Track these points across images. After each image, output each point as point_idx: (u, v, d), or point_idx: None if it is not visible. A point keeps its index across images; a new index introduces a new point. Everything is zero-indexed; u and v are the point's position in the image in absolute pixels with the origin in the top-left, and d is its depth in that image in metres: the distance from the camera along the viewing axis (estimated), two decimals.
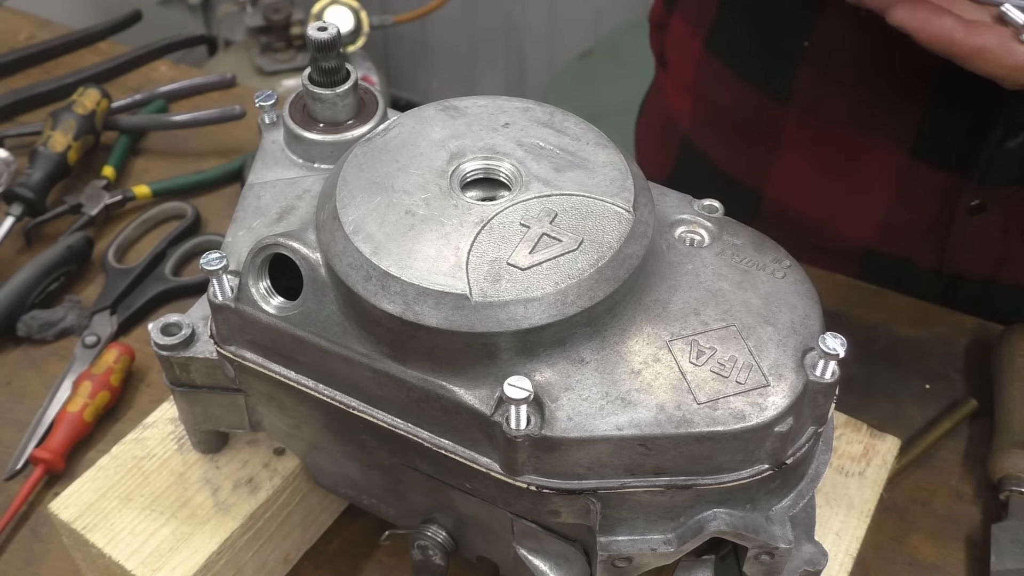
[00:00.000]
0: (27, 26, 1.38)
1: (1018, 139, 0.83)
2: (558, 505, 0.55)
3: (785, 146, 0.98)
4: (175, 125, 1.18)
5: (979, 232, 0.93)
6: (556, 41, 2.69)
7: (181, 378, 0.66)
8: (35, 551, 0.80)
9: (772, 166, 1.00)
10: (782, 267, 0.59)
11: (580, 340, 0.54)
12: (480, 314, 0.52)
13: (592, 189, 0.57)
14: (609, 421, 0.52)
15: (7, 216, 1.04)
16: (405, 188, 0.57)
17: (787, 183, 1.01)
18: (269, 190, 0.64)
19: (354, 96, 0.66)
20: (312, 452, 0.67)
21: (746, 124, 1.00)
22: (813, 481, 0.59)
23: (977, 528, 0.80)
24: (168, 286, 1.01)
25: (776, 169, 0.99)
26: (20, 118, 1.22)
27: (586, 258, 0.54)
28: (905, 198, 0.94)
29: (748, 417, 0.52)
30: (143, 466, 0.71)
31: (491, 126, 0.61)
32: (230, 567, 0.69)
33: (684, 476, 0.54)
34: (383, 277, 0.53)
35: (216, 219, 1.10)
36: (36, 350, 0.96)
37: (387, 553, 0.78)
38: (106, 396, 0.88)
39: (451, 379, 0.54)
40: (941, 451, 0.86)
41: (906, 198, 0.94)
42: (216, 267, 0.58)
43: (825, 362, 0.54)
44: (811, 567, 0.58)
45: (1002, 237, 0.93)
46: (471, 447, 0.55)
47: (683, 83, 1.07)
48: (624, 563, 0.56)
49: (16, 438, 0.87)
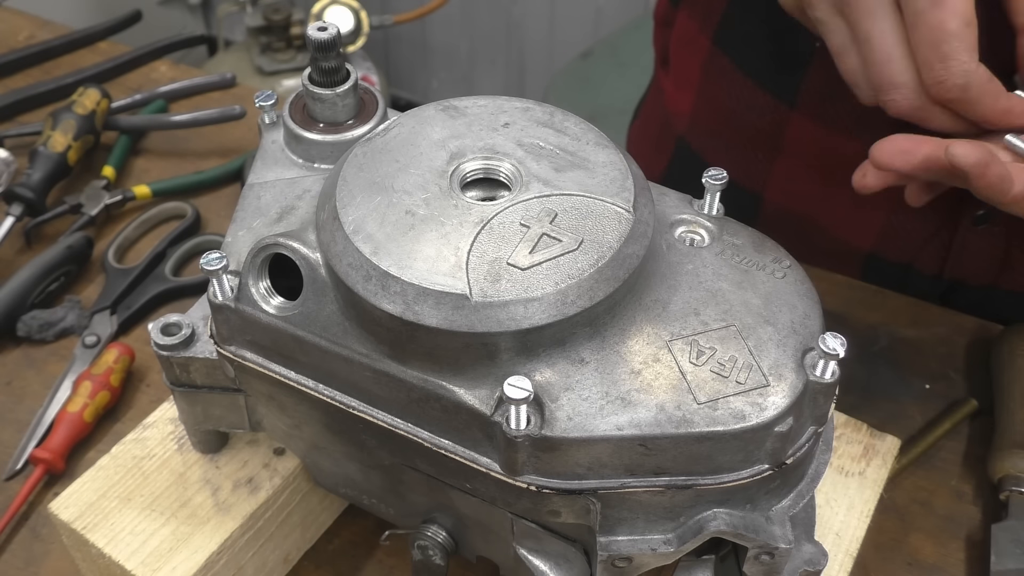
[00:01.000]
0: (27, 26, 1.38)
1: None
2: (558, 505, 0.55)
3: (787, 150, 0.98)
4: (175, 125, 1.18)
5: (983, 241, 0.93)
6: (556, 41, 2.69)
7: (181, 378, 0.66)
8: (35, 551, 0.80)
9: (773, 170, 0.99)
10: (782, 267, 0.59)
11: (580, 340, 0.54)
12: (480, 314, 0.52)
13: (592, 189, 0.57)
14: (609, 421, 0.52)
15: (7, 216, 1.04)
16: (405, 188, 0.57)
17: (787, 188, 1.00)
18: (269, 190, 0.64)
19: (354, 96, 0.66)
20: (312, 452, 0.67)
21: (749, 126, 1.00)
22: (813, 481, 0.59)
23: (977, 528, 0.80)
24: (168, 286, 1.01)
25: (777, 173, 0.98)
26: (20, 118, 1.22)
27: (586, 258, 0.54)
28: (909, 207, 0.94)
29: (748, 417, 0.52)
30: (143, 466, 0.71)
31: (491, 126, 0.61)
32: (230, 567, 0.69)
33: (684, 476, 0.54)
34: (383, 277, 0.53)
35: (216, 219, 1.10)
36: (36, 350, 0.96)
37: (387, 553, 0.78)
38: (106, 396, 0.88)
39: (451, 379, 0.54)
40: (941, 451, 0.86)
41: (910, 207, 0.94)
42: (216, 267, 0.58)
43: (825, 362, 0.54)
44: (811, 567, 0.58)
45: (1005, 246, 0.93)
46: (471, 447, 0.55)
47: (686, 81, 1.07)
48: (624, 563, 0.56)
49: (16, 438, 0.87)
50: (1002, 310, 0.96)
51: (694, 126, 1.07)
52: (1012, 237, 0.92)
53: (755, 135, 0.99)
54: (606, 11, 2.55)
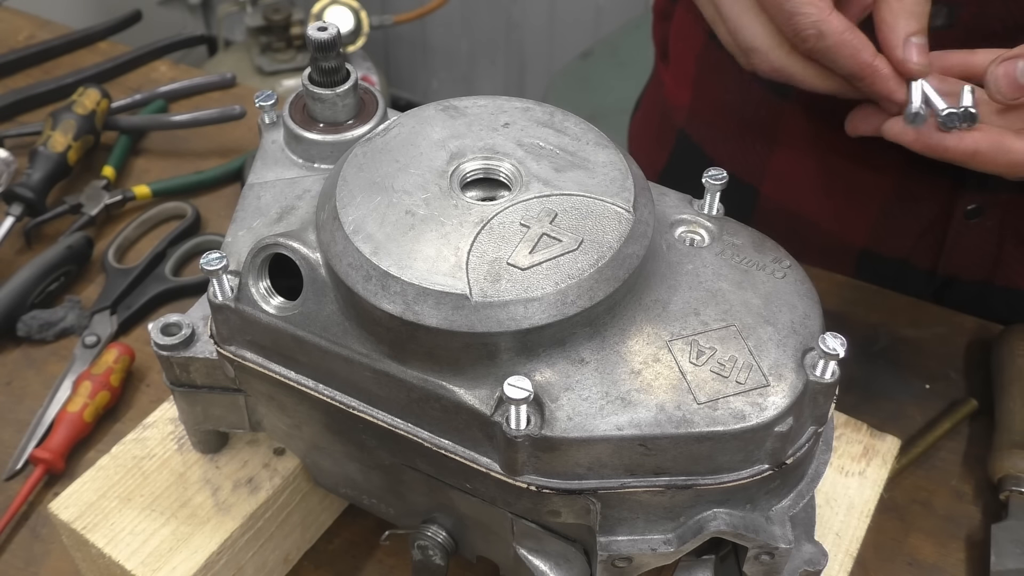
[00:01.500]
0: (27, 26, 1.38)
1: None
2: (558, 505, 0.55)
3: (783, 143, 0.98)
4: (175, 125, 1.18)
5: (975, 235, 0.93)
6: (556, 41, 2.69)
7: (181, 378, 0.66)
8: (35, 551, 0.80)
9: (770, 162, 1.00)
10: (782, 267, 0.59)
11: (580, 340, 0.54)
12: (480, 314, 0.52)
13: (592, 189, 0.57)
14: (609, 421, 0.52)
15: (7, 216, 1.04)
16: (405, 188, 0.57)
17: (784, 180, 1.01)
18: (269, 190, 0.64)
19: (354, 96, 0.66)
20: (312, 452, 0.67)
21: (745, 118, 1.00)
22: (813, 481, 0.59)
23: (977, 528, 0.80)
24: (168, 286, 1.01)
25: (774, 165, 0.99)
26: (20, 118, 1.22)
27: (586, 258, 0.54)
28: (903, 200, 0.94)
29: (748, 417, 0.52)
30: (143, 466, 0.71)
31: (491, 126, 0.61)
32: (230, 567, 0.69)
33: (684, 476, 0.54)
34: (383, 277, 0.53)
35: (216, 219, 1.10)
36: (36, 350, 0.96)
37: (387, 553, 0.78)
38: (106, 396, 0.88)
39: (451, 379, 0.54)
40: (941, 451, 0.86)
41: (904, 200, 0.94)
42: (216, 267, 0.58)
43: (825, 362, 0.54)
44: (811, 567, 0.58)
45: (998, 241, 0.93)
46: (471, 447, 0.55)
47: (684, 75, 1.07)
48: (624, 563, 0.56)
49: (16, 438, 0.87)
50: (997, 307, 0.96)
51: (693, 118, 1.07)
52: (1005, 232, 0.92)
53: (752, 126, 1.00)
54: (606, 11, 2.55)
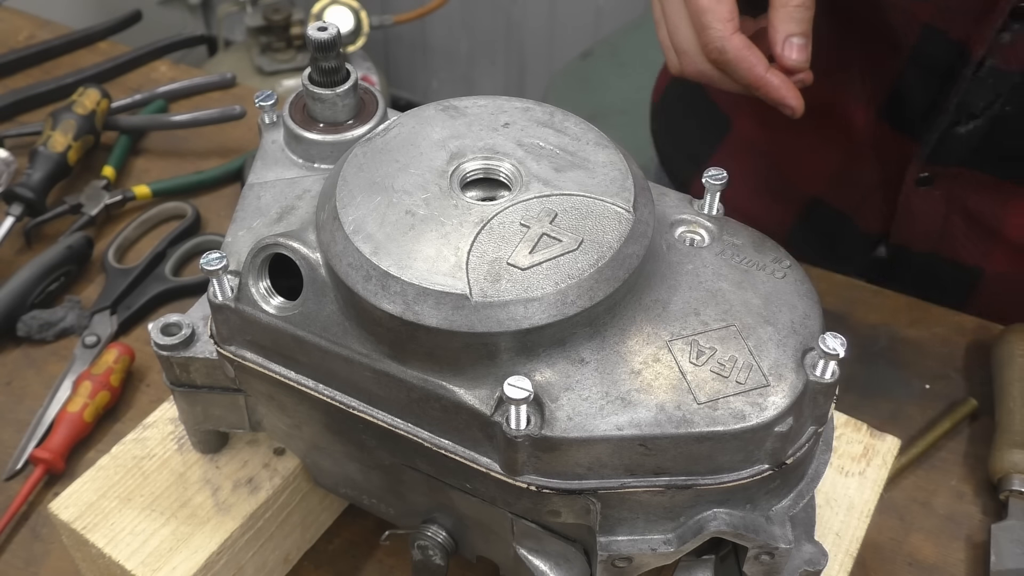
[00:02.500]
0: (27, 26, 1.38)
1: (967, 126, 0.89)
2: (558, 505, 0.55)
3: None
4: (175, 125, 1.18)
5: (924, 204, 0.97)
6: (556, 41, 2.69)
7: (181, 378, 0.66)
8: (35, 551, 0.80)
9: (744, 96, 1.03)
10: (782, 267, 0.59)
11: (580, 340, 0.54)
12: (480, 314, 0.52)
13: (592, 189, 0.57)
14: (609, 421, 0.52)
15: (7, 216, 1.04)
16: (405, 188, 0.57)
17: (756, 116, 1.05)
18: (269, 190, 0.64)
19: (354, 96, 0.66)
20: (312, 452, 0.67)
21: None
22: (813, 481, 0.59)
23: (977, 528, 0.80)
24: (168, 286, 1.01)
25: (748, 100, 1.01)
26: (20, 118, 1.22)
27: (586, 258, 0.54)
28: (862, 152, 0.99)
29: (748, 417, 0.52)
30: (143, 466, 0.71)
31: (491, 126, 0.61)
32: (230, 567, 0.69)
33: (684, 476, 0.54)
34: (383, 277, 0.53)
35: (216, 219, 1.10)
36: (36, 350, 0.96)
37: (387, 553, 0.78)
38: (106, 396, 0.88)
39: (451, 379, 0.54)
40: (941, 451, 0.86)
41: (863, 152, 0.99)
42: (216, 267, 0.58)
43: (825, 362, 0.54)
44: (811, 567, 0.58)
45: (944, 212, 0.97)
46: (471, 447, 0.55)
47: None
48: (624, 563, 0.56)
49: (16, 438, 0.87)
50: (943, 281, 1.00)
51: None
52: (952, 204, 0.96)
53: None
54: (606, 11, 2.55)
